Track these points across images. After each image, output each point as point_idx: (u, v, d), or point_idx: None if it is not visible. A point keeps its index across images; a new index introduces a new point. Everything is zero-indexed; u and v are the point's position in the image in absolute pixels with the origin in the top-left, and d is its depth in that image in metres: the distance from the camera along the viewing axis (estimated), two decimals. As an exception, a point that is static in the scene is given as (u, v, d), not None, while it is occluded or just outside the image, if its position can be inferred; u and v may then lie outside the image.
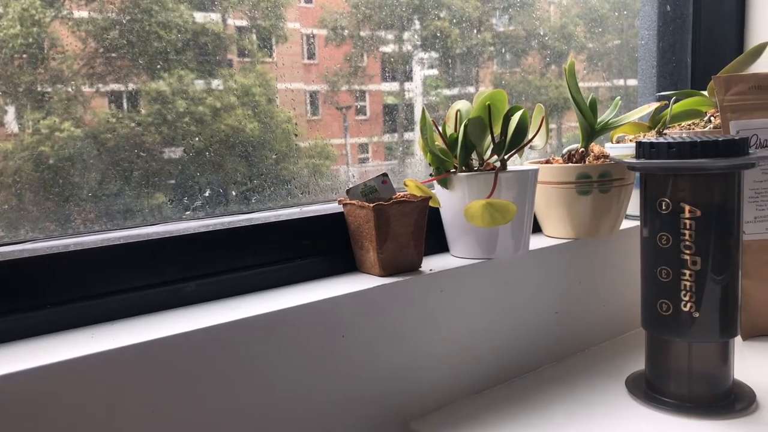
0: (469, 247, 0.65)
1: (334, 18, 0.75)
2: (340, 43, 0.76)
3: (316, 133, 0.74)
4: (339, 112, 0.78)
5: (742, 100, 0.74)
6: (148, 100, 0.62)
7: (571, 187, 0.70)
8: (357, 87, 0.78)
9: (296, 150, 0.71)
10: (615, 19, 1.06)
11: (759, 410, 0.58)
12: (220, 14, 0.66)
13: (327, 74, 0.75)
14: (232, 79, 0.67)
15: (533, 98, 0.96)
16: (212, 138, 0.64)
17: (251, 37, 0.68)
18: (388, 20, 0.78)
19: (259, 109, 0.68)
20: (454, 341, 0.63)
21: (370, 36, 0.78)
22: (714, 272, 0.56)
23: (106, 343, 0.45)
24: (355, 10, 0.76)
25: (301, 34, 0.72)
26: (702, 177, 0.55)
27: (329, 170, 0.75)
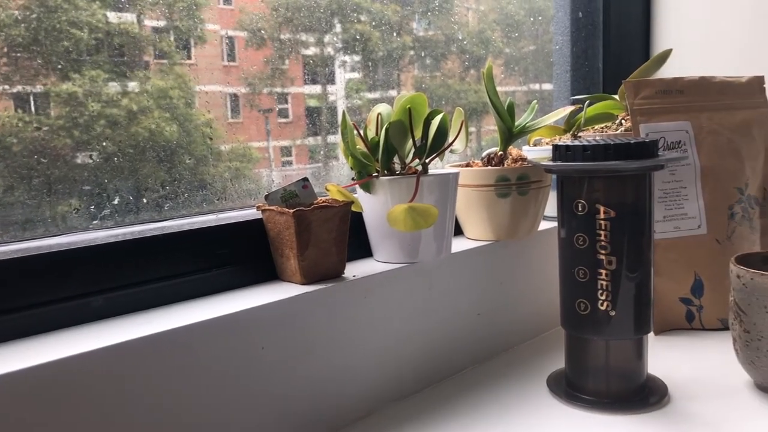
0: (392, 252, 0.64)
1: (253, 20, 0.73)
2: (260, 46, 0.74)
3: (237, 136, 0.72)
4: (260, 115, 0.76)
5: (650, 104, 0.77)
6: (58, 102, 0.58)
7: (491, 190, 0.71)
8: (278, 89, 0.77)
9: (217, 154, 0.68)
10: (530, 24, 1.09)
11: (671, 403, 0.60)
12: (136, 14, 0.63)
13: (247, 76, 0.73)
14: (148, 82, 0.64)
15: (453, 102, 0.97)
16: (125, 142, 0.61)
17: (168, 38, 0.66)
18: (309, 23, 0.77)
19: (177, 112, 0.65)
20: (378, 347, 0.62)
21: (290, 38, 0.76)
22: (628, 271, 0.57)
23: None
24: (275, 13, 0.74)
25: (220, 35, 0.70)
26: (615, 179, 0.57)
27: (251, 174, 0.73)
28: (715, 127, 0.78)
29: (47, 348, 0.45)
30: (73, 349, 0.44)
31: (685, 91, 0.78)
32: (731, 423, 0.56)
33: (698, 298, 0.78)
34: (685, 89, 0.78)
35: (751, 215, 0.79)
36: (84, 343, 0.45)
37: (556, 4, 1.09)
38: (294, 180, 0.61)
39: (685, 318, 0.78)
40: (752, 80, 0.81)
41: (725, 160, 0.78)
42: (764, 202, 0.81)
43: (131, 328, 0.48)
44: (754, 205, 0.80)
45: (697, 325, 0.78)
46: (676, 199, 0.77)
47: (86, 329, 0.49)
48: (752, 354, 0.59)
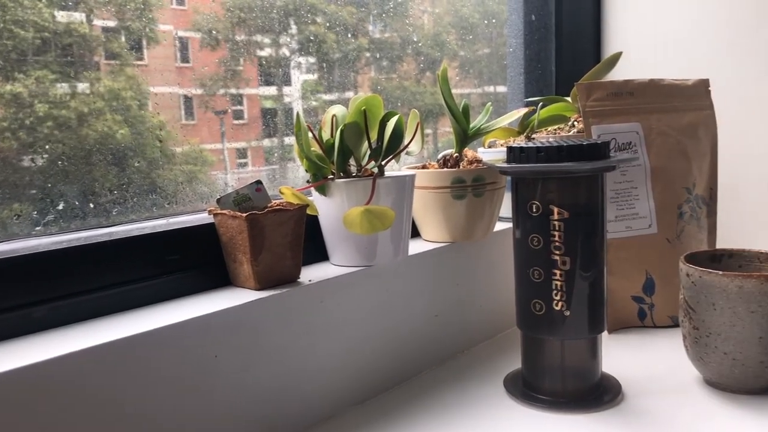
0: (349, 255, 0.64)
1: (207, 21, 0.71)
2: (214, 47, 0.73)
3: (191, 139, 0.71)
4: (215, 117, 0.75)
5: (602, 106, 0.78)
6: (1, 103, 0.55)
7: (447, 192, 0.71)
8: (233, 91, 0.76)
9: (170, 156, 0.67)
10: (485, 27, 1.09)
11: (625, 400, 0.61)
12: (85, 14, 0.60)
13: (201, 78, 0.71)
14: (99, 83, 0.62)
15: (410, 104, 0.97)
16: (73, 145, 0.59)
17: (119, 38, 0.64)
18: (263, 24, 0.76)
19: (129, 114, 0.64)
20: (335, 352, 0.61)
21: (245, 40, 0.75)
22: (582, 271, 0.58)
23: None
24: (230, 14, 0.73)
25: (173, 36, 0.69)
26: (569, 180, 0.57)
27: (206, 177, 0.72)
28: (664, 128, 0.79)
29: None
30: (12, 363, 0.42)
31: (635, 93, 0.80)
32: (682, 419, 0.57)
33: (650, 297, 0.79)
34: (635, 91, 0.80)
35: (699, 214, 0.81)
36: (25, 356, 0.43)
37: (509, 7, 1.10)
38: (248, 183, 0.59)
39: (637, 316, 0.80)
40: (698, 83, 0.83)
41: (674, 160, 0.79)
42: (711, 201, 0.83)
43: (76, 339, 0.46)
44: (701, 204, 0.82)
45: (648, 323, 0.80)
46: (627, 199, 0.79)
47: (27, 341, 0.47)
48: (701, 350, 0.61)
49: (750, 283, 0.56)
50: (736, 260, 0.66)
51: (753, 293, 0.56)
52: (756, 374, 0.59)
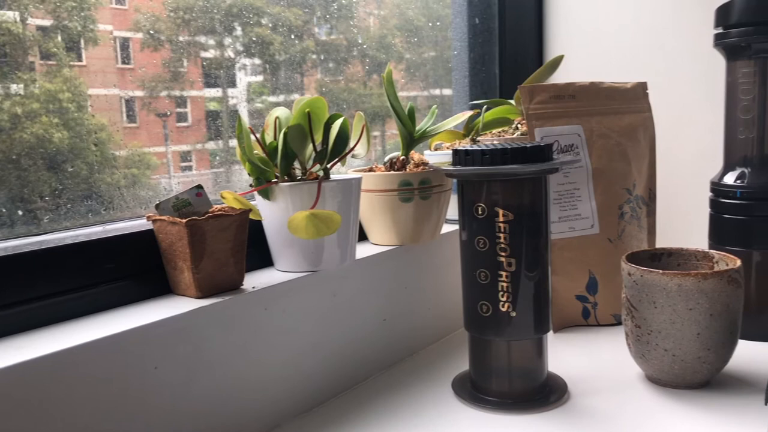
0: (294, 260, 0.63)
1: (150, 21, 0.69)
2: (156, 48, 0.71)
3: (134, 141, 0.69)
4: (158, 119, 0.72)
5: (544, 109, 0.79)
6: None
7: (394, 195, 0.71)
8: (177, 93, 0.74)
9: (110, 160, 0.64)
10: (430, 30, 1.10)
11: (571, 399, 0.61)
12: (19, 12, 0.58)
13: (144, 79, 0.69)
14: (34, 84, 0.59)
15: (357, 107, 0.97)
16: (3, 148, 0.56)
17: (56, 38, 0.61)
18: (208, 25, 0.74)
19: (67, 117, 0.61)
20: (282, 360, 0.60)
21: (189, 41, 0.73)
22: (527, 272, 0.58)
23: None
24: (173, 14, 0.71)
25: (113, 36, 0.66)
26: (513, 182, 0.58)
27: (149, 181, 0.70)
28: (605, 130, 0.81)
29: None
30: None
31: (577, 96, 0.81)
32: (626, 415, 0.58)
33: (593, 296, 0.81)
34: (577, 94, 0.81)
35: (639, 214, 0.84)
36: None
37: (453, 10, 1.10)
38: (189, 187, 0.58)
39: (581, 315, 0.81)
40: (636, 86, 0.85)
41: (614, 162, 0.81)
42: (650, 201, 0.85)
43: (5, 355, 0.44)
44: (641, 204, 0.84)
45: (592, 322, 0.81)
46: (570, 200, 0.80)
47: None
48: (643, 348, 0.62)
49: (688, 281, 0.58)
50: (675, 259, 0.68)
51: (691, 291, 0.58)
52: (694, 370, 0.60)
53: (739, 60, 0.72)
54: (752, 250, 0.72)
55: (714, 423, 0.56)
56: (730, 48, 0.72)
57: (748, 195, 0.72)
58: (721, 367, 0.61)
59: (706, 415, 0.57)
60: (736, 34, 0.71)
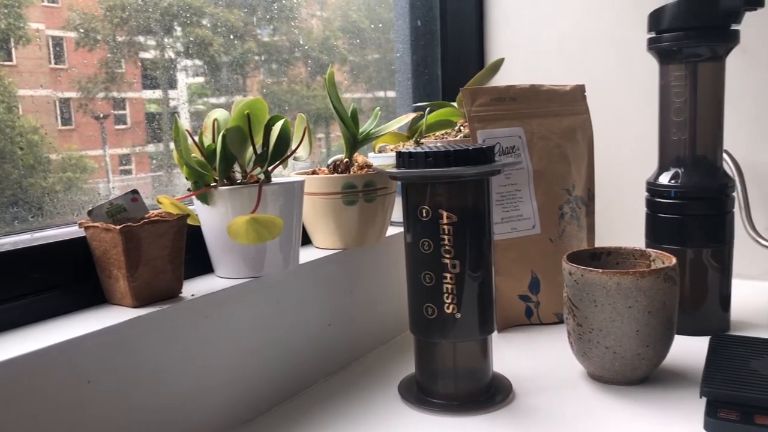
0: (235, 267, 0.61)
1: (84, 20, 0.66)
2: (92, 47, 0.68)
3: (69, 144, 0.66)
4: (95, 121, 0.70)
5: (486, 111, 0.80)
6: None
7: (338, 198, 0.70)
8: (115, 94, 0.71)
9: (45, 163, 0.61)
10: (373, 32, 1.10)
11: (516, 399, 0.62)
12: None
13: (79, 80, 0.66)
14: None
15: (301, 109, 0.95)
16: None
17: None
18: (146, 25, 0.72)
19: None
20: (223, 369, 0.58)
21: (127, 41, 0.71)
22: (471, 274, 0.58)
23: None
24: (109, 13, 0.68)
25: (45, 35, 0.63)
26: (456, 184, 0.58)
27: (86, 185, 0.67)
28: (545, 132, 0.82)
29: None
30: None
31: (517, 98, 0.82)
32: (569, 413, 0.59)
33: (535, 295, 0.82)
34: (517, 97, 0.82)
35: (578, 214, 0.85)
36: None
37: (396, 12, 1.11)
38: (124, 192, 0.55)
39: (524, 314, 0.82)
40: (575, 88, 0.87)
41: (554, 163, 0.83)
42: (589, 201, 0.87)
43: None
44: (580, 204, 0.86)
45: (535, 321, 0.83)
46: (512, 202, 0.81)
47: None
48: (584, 346, 0.63)
49: (627, 280, 0.59)
50: (614, 258, 0.70)
51: (630, 289, 0.59)
52: (634, 366, 0.62)
53: (671, 64, 0.74)
54: (686, 248, 0.74)
55: (653, 417, 0.57)
56: (662, 52, 0.75)
57: (681, 194, 0.74)
58: (658, 362, 0.63)
59: (645, 410, 0.58)
60: (667, 39, 0.73)
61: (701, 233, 0.74)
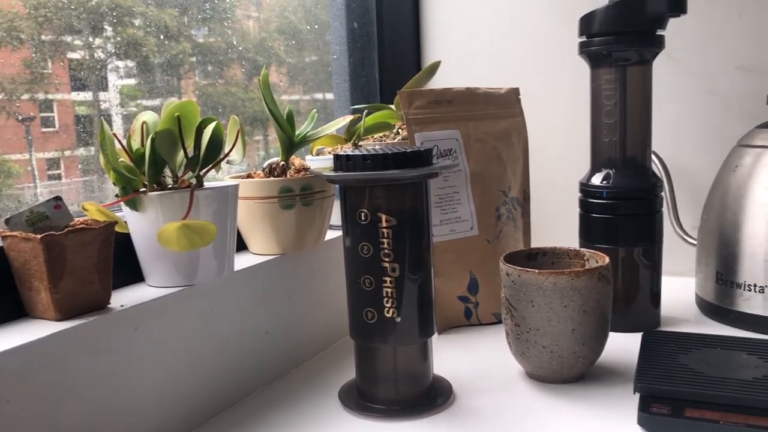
0: (167, 275, 0.59)
1: (5, 19, 0.63)
2: (15, 47, 0.64)
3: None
4: (19, 124, 0.67)
5: (423, 114, 0.80)
6: None
7: (274, 202, 0.68)
8: (41, 96, 0.68)
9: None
10: (309, 33, 1.08)
11: (456, 401, 0.62)
12: None
13: (1, 81, 0.63)
14: None
15: (238, 111, 0.93)
16: None
17: None
18: (75, 24, 0.68)
19: None
20: (157, 382, 0.56)
21: (53, 40, 0.67)
22: (410, 277, 0.58)
23: None
24: (34, 12, 0.65)
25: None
26: (395, 187, 0.57)
27: (10, 190, 0.64)
28: (481, 135, 0.83)
29: None
30: None
31: (454, 101, 0.82)
32: (509, 413, 0.59)
33: (474, 296, 0.83)
34: (454, 99, 0.82)
35: (514, 215, 0.86)
36: None
37: (331, 14, 1.10)
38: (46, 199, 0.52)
39: (463, 315, 0.83)
40: (509, 91, 0.88)
41: (491, 165, 0.83)
42: (525, 202, 0.89)
43: None
44: (516, 206, 0.87)
45: (474, 321, 0.83)
46: (450, 204, 0.81)
47: None
48: (522, 346, 0.64)
49: (563, 279, 0.60)
50: (549, 258, 0.71)
51: (565, 288, 0.60)
52: (570, 364, 0.63)
53: (601, 67, 0.76)
54: (618, 247, 0.76)
55: (590, 414, 0.58)
56: (592, 56, 0.76)
57: (613, 195, 0.76)
58: (594, 360, 0.64)
59: (582, 407, 0.60)
60: (598, 43, 0.75)
61: (632, 232, 0.77)
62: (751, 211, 0.75)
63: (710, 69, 0.94)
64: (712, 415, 0.53)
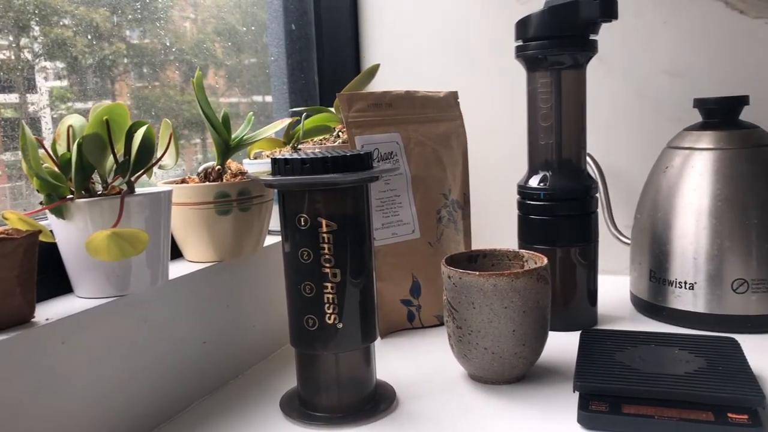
0: (97, 285, 0.56)
1: None
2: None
3: None
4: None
5: (364, 117, 0.80)
6: None
7: (210, 208, 0.66)
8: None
9: None
10: (246, 35, 1.06)
11: (400, 406, 0.62)
12: None
13: None
14: None
15: (176, 114, 0.91)
16: None
17: None
18: None
19: None
20: (87, 398, 0.53)
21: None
22: (352, 282, 0.57)
23: None
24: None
25: None
26: (335, 191, 0.57)
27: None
28: (421, 138, 0.83)
29: None
30: None
31: (394, 104, 0.82)
32: (452, 415, 0.59)
33: (417, 299, 0.83)
34: (393, 102, 0.82)
35: (455, 218, 0.87)
36: None
37: (269, 15, 1.08)
38: None
39: (406, 318, 0.83)
40: (448, 95, 0.88)
41: (431, 168, 0.84)
42: (465, 205, 0.89)
43: None
44: (457, 208, 0.87)
45: (417, 324, 0.83)
46: (392, 207, 0.81)
47: None
48: (465, 348, 0.64)
49: (503, 281, 0.61)
50: (490, 259, 0.71)
51: (505, 290, 0.61)
52: (512, 365, 0.63)
53: (537, 71, 0.78)
54: (556, 248, 0.78)
55: (531, 414, 0.59)
56: (528, 59, 0.78)
57: (549, 196, 0.78)
58: (535, 360, 0.65)
59: (524, 407, 0.60)
60: (533, 47, 0.76)
61: (569, 233, 0.78)
62: (681, 211, 0.78)
63: (640, 73, 0.98)
64: (647, 410, 0.54)
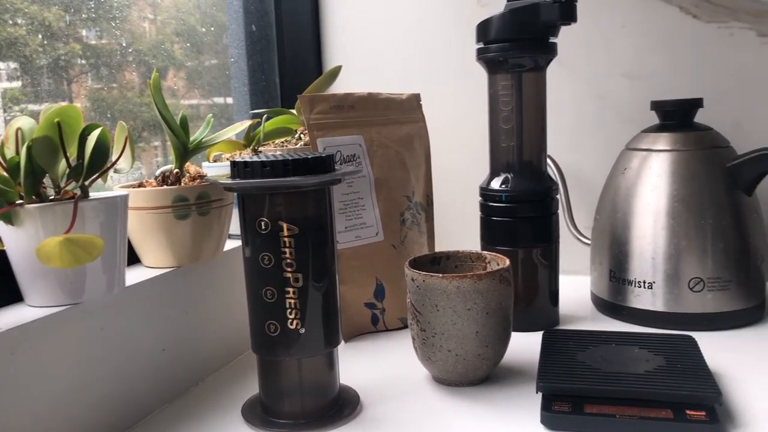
0: (49, 294, 0.54)
1: None
2: None
3: None
4: None
5: (326, 119, 0.79)
6: None
7: (168, 212, 0.65)
8: None
9: None
10: (205, 36, 1.04)
11: (363, 411, 0.61)
12: None
13: None
14: None
15: (135, 116, 0.88)
16: None
17: None
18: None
19: None
20: (40, 411, 0.51)
21: None
22: (315, 287, 0.57)
23: None
24: None
25: None
26: (296, 194, 0.56)
27: None
28: (384, 140, 0.83)
29: None
30: None
31: (356, 106, 0.82)
32: (415, 419, 0.59)
33: (381, 302, 0.82)
34: (356, 104, 0.82)
35: (419, 220, 0.87)
36: None
37: (229, 16, 1.06)
38: None
39: (370, 322, 0.82)
40: (411, 97, 0.88)
41: (394, 171, 0.83)
42: (428, 207, 0.89)
43: None
44: (420, 210, 0.87)
45: (381, 327, 0.83)
46: (355, 210, 0.80)
47: None
48: (428, 351, 0.64)
49: (466, 283, 0.61)
50: (453, 261, 0.71)
51: (469, 291, 0.61)
52: (475, 367, 0.63)
53: (498, 73, 0.78)
54: (517, 249, 0.78)
55: (495, 415, 0.59)
56: (489, 62, 0.78)
57: (511, 198, 0.78)
58: (498, 361, 0.65)
59: (487, 409, 0.60)
60: (494, 50, 0.76)
61: (531, 234, 0.79)
62: (639, 212, 0.79)
63: (599, 76, 0.99)
64: (609, 409, 0.54)
